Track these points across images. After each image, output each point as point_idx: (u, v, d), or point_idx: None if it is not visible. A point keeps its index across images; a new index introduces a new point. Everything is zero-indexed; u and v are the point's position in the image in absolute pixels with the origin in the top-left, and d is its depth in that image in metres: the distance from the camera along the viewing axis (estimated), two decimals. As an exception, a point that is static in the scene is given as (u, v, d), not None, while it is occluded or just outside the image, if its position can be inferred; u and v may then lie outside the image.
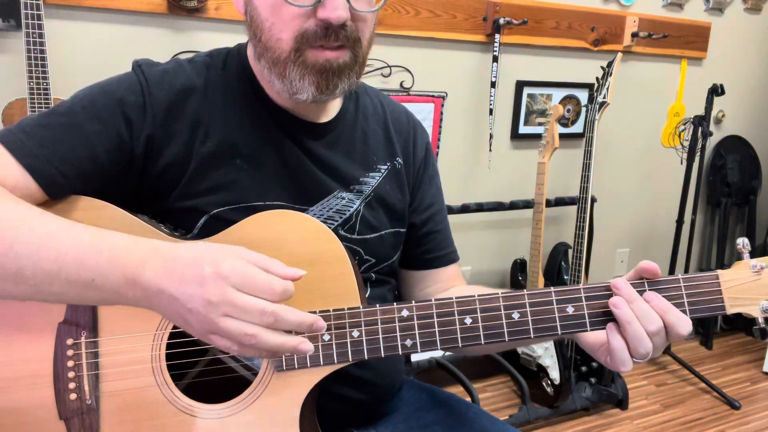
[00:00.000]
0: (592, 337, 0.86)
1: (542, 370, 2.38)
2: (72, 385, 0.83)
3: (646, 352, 0.78)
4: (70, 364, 0.83)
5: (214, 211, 0.90)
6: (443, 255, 1.11)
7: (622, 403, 2.47)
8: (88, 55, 1.87)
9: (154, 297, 0.73)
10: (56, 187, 0.83)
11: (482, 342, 0.81)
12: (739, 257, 0.82)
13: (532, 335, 0.81)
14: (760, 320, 0.80)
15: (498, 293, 0.82)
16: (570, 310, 0.81)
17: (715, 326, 3.14)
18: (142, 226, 0.85)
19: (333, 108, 1.00)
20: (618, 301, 0.79)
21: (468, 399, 1.99)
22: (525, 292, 0.81)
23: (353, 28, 0.85)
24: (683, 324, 0.78)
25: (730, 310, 0.80)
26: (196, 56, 0.97)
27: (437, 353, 2.38)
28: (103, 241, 0.74)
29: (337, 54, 0.85)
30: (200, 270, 0.70)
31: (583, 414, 2.42)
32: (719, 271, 0.81)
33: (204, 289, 0.69)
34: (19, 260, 0.72)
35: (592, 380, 2.42)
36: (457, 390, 2.27)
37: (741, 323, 3.20)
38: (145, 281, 0.72)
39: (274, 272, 0.73)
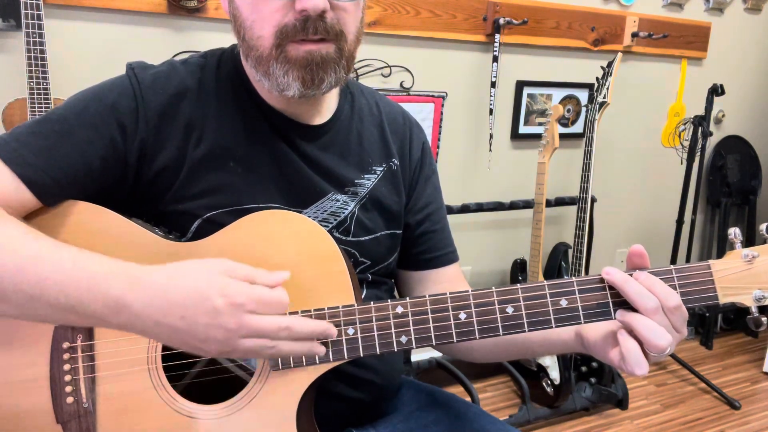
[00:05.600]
0: (600, 342, 0.84)
1: (542, 370, 2.38)
2: (69, 389, 0.83)
3: (657, 338, 0.76)
4: (67, 367, 0.83)
5: (207, 215, 0.90)
6: (441, 255, 1.10)
7: (622, 403, 2.47)
8: (88, 55, 1.87)
9: (150, 330, 0.74)
10: (50, 195, 0.83)
11: (476, 336, 0.81)
12: (731, 247, 0.82)
13: (526, 329, 0.81)
14: (754, 309, 0.80)
15: (492, 288, 0.82)
16: (563, 303, 0.81)
17: (715, 326, 3.13)
18: (137, 229, 0.85)
19: (328, 109, 1.00)
20: (610, 271, 0.79)
21: (468, 399, 1.99)
22: (519, 286, 0.81)
23: (334, 20, 0.84)
24: (671, 297, 0.77)
25: (723, 300, 0.80)
26: (191, 57, 0.97)
27: (437, 353, 2.39)
28: (83, 268, 0.74)
29: (319, 46, 0.84)
30: (211, 302, 0.72)
31: (583, 414, 2.42)
32: (711, 261, 0.80)
33: (221, 320, 0.72)
34: (1, 282, 0.73)
35: (592, 380, 2.42)
36: (457, 390, 2.27)
37: (741, 323, 3.20)
38: (135, 311, 0.73)
39: (263, 282, 0.76)
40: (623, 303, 0.79)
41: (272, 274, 0.78)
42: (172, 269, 0.75)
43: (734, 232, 0.82)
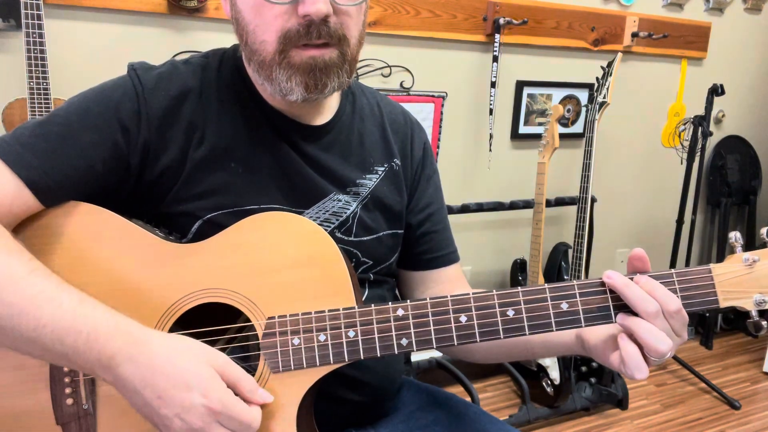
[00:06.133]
0: (601, 345, 0.84)
1: (542, 370, 2.38)
2: (68, 390, 0.83)
3: (657, 342, 0.76)
4: (67, 369, 0.83)
5: (208, 216, 0.90)
6: (442, 255, 1.10)
7: (622, 403, 2.47)
8: (88, 55, 1.87)
9: (128, 393, 0.76)
10: (52, 197, 0.83)
11: (477, 339, 0.81)
12: (732, 251, 0.82)
13: (527, 332, 0.81)
14: (754, 313, 0.80)
15: (493, 291, 0.82)
16: (564, 306, 0.80)
17: (715, 326, 3.14)
18: (137, 231, 0.85)
19: (329, 110, 1.00)
20: (613, 276, 0.79)
21: (468, 399, 1.99)
22: (519, 289, 0.81)
23: (337, 24, 0.84)
24: (671, 301, 0.77)
25: (724, 304, 0.79)
26: (192, 57, 0.97)
27: (437, 353, 2.39)
28: (84, 319, 0.75)
29: (322, 51, 0.84)
30: (189, 396, 0.74)
31: (583, 414, 2.42)
32: (712, 265, 0.80)
33: (189, 416, 0.74)
34: (1, 319, 0.73)
35: (592, 380, 2.42)
36: (457, 390, 2.27)
37: (741, 323, 3.20)
38: (122, 376, 0.75)
39: (247, 395, 0.78)
40: (624, 307, 0.79)
41: (257, 391, 0.79)
42: (171, 345, 0.76)
43: (735, 236, 0.82)
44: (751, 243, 3.18)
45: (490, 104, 2.43)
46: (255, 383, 0.79)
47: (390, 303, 0.82)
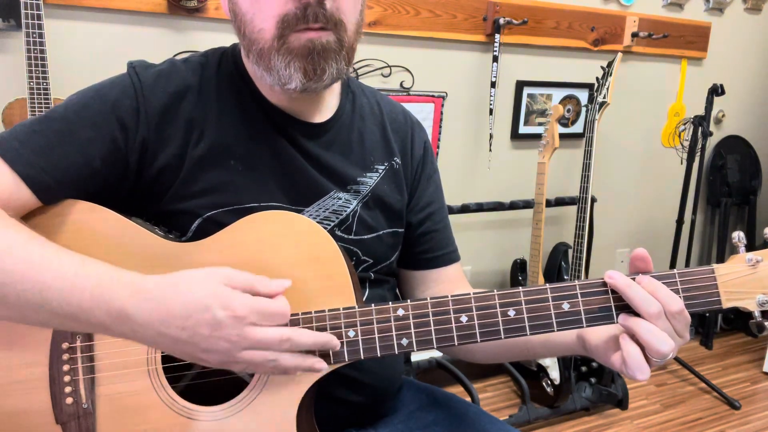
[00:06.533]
0: (602, 346, 0.84)
1: (542, 370, 2.38)
2: (68, 389, 0.83)
3: (659, 343, 0.75)
4: (66, 368, 0.83)
5: (208, 214, 0.90)
6: (443, 254, 1.10)
7: (622, 403, 2.46)
8: (88, 55, 1.87)
9: (153, 338, 0.75)
10: (50, 194, 0.83)
11: (478, 340, 0.81)
12: (735, 251, 0.82)
13: (528, 332, 0.80)
14: (757, 314, 0.79)
15: (494, 291, 0.81)
16: (566, 306, 0.80)
17: (715, 326, 3.13)
18: (136, 229, 0.85)
19: (329, 107, 0.99)
20: (614, 276, 0.79)
21: (468, 399, 1.99)
22: (521, 289, 0.81)
23: (334, 8, 0.84)
24: (673, 302, 0.77)
25: (727, 305, 0.79)
26: (192, 56, 0.97)
27: (437, 353, 2.39)
28: (87, 277, 0.74)
29: (320, 34, 0.84)
30: (212, 314, 0.72)
31: (583, 414, 2.42)
32: (715, 266, 0.80)
33: (222, 332, 0.73)
34: (3, 287, 0.73)
35: (592, 380, 2.42)
36: (457, 390, 2.27)
37: (741, 323, 3.20)
38: (138, 321, 0.74)
39: (264, 291, 0.77)
40: (626, 307, 0.79)
41: (273, 282, 0.78)
42: (174, 279, 0.75)
43: (738, 236, 0.81)
44: (751, 243, 3.18)
45: (490, 104, 2.43)
46: (266, 279, 0.78)
47: (390, 303, 0.82)
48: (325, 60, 0.85)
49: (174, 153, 0.89)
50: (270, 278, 0.78)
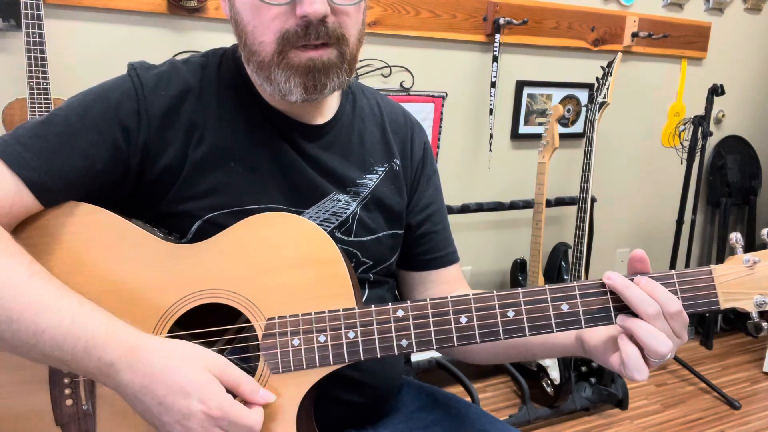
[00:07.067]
0: (600, 347, 0.84)
1: (542, 370, 2.38)
2: (68, 391, 0.83)
3: (658, 344, 0.76)
4: (66, 370, 0.83)
5: (208, 216, 0.90)
6: (442, 256, 1.10)
7: (622, 403, 2.47)
8: (88, 55, 1.87)
9: (130, 399, 0.77)
10: (52, 198, 0.83)
11: (477, 340, 0.81)
12: (732, 252, 0.82)
13: (527, 333, 0.81)
14: (754, 315, 0.80)
15: (493, 292, 0.82)
16: (565, 307, 0.80)
17: (715, 326, 3.14)
18: (137, 231, 0.85)
19: (329, 109, 0.99)
20: (613, 277, 0.79)
21: (468, 399, 1.99)
22: (520, 290, 0.81)
23: (336, 24, 0.83)
24: (671, 302, 0.77)
25: (724, 305, 0.79)
26: (192, 57, 0.96)
27: (437, 353, 2.39)
28: (83, 326, 0.75)
29: (321, 52, 0.84)
30: (188, 403, 0.74)
31: (583, 414, 2.42)
32: (713, 266, 0.80)
33: (191, 423, 0.75)
34: None
35: (592, 380, 2.42)
36: (457, 390, 2.27)
37: (741, 323, 3.20)
38: (122, 383, 0.76)
39: (247, 397, 0.78)
40: (624, 308, 0.79)
41: (259, 392, 0.79)
42: (168, 350, 0.77)
43: (735, 237, 0.82)
44: (750, 243, 3.18)
45: (490, 104, 2.43)
46: (256, 384, 0.79)
47: (390, 304, 0.82)
48: (326, 76, 0.85)
49: (175, 155, 0.89)
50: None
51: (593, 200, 2.47)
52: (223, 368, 0.77)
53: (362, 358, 0.81)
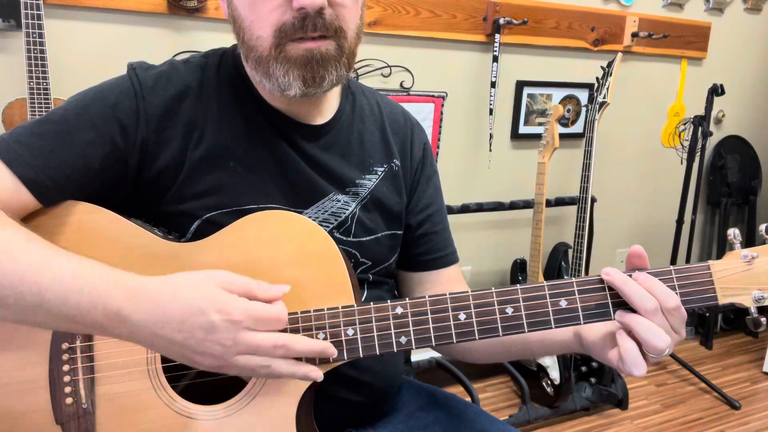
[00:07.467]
0: (599, 343, 0.84)
1: (542, 370, 2.38)
2: (68, 390, 0.83)
3: (656, 339, 0.76)
4: (66, 368, 0.83)
5: (207, 215, 0.90)
6: (441, 256, 1.10)
7: (622, 403, 2.46)
8: (88, 55, 1.87)
9: (150, 339, 0.75)
10: (49, 196, 0.83)
11: (476, 337, 0.81)
12: (731, 247, 0.82)
13: (526, 329, 0.81)
14: (753, 310, 0.80)
15: (491, 289, 0.82)
16: (563, 303, 0.81)
17: (715, 326, 3.14)
18: (136, 230, 0.85)
19: (329, 109, 0.99)
20: (611, 273, 0.79)
21: (468, 399, 1.99)
22: (518, 287, 0.81)
23: (333, 16, 0.83)
24: (670, 298, 0.77)
25: (723, 301, 0.79)
26: (192, 57, 0.97)
27: (437, 353, 2.39)
28: (84, 278, 0.74)
29: (319, 44, 0.83)
30: (207, 318, 0.72)
31: (583, 414, 2.42)
32: (711, 262, 0.80)
33: (217, 336, 0.73)
34: (2, 288, 0.73)
35: (592, 380, 2.42)
36: (457, 390, 2.27)
37: (741, 323, 3.20)
38: (134, 323, 0.74)
39: (262, 296, 0.76)
40: (622, 304, 0.79)
41: (271, 287, 0.78)
42: (171, 281, 0.76)
43: (733, 233, 0.82)
44: (751, 243, 3.17)
45: (490, 104, 2.43)
46: (265, 283, 0.78)
47: (389, 301, 0.82)
48: (325, 68, 0.85)
49: (174, 154, 0.89)
50: (269, 282, 0.78)
51: (593, 200, 2.47)
52: (228, 280, 0.76)
53: (361, 356, 0.81)
